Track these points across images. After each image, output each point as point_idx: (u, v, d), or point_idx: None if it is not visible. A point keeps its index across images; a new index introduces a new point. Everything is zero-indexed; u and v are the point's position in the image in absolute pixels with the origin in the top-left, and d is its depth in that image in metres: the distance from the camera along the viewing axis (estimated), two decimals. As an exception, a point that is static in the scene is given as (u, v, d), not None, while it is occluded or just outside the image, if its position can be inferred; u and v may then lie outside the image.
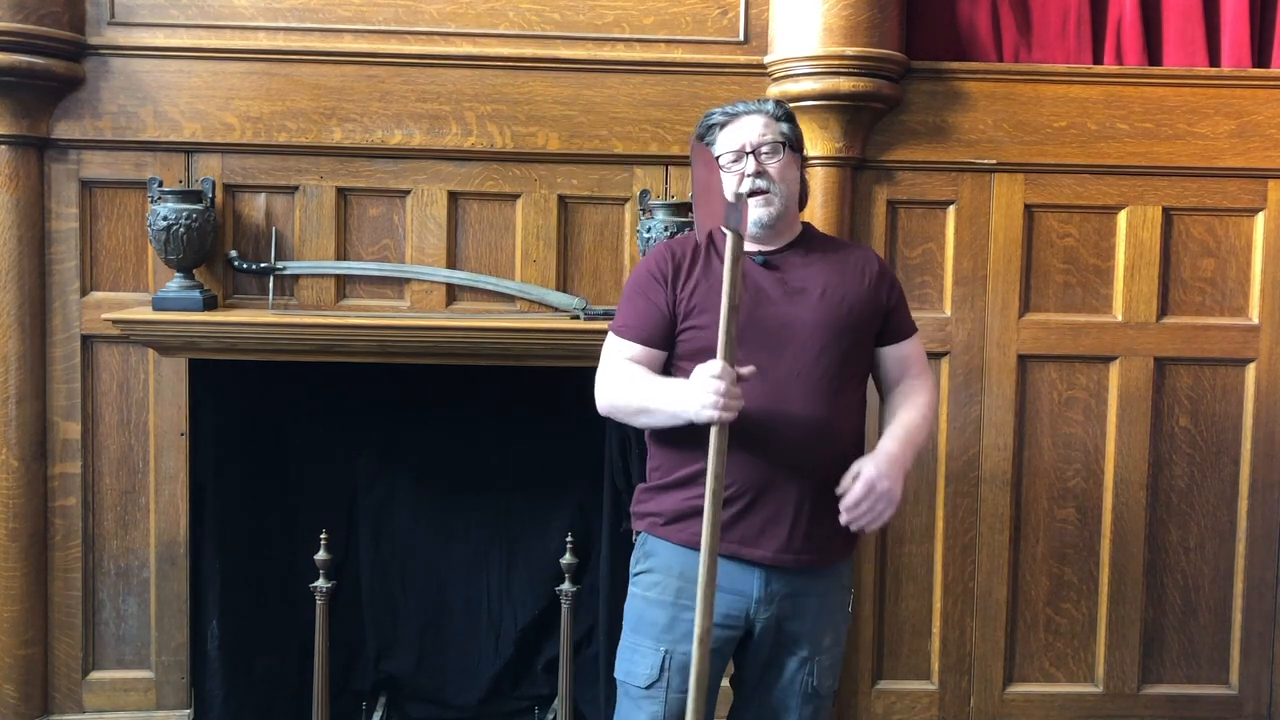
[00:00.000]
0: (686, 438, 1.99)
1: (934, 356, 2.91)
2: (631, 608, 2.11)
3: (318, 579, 2.76)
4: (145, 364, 2.82)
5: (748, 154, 2.05)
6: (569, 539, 2.80)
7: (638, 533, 2.14)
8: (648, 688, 2.04)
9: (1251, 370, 2.96)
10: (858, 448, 2.09)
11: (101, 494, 2.86)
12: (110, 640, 2.89)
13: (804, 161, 2.19)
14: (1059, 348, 2.93)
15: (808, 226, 2.18)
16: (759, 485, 1.98)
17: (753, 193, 2.03)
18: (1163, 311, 2.94)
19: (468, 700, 3.05)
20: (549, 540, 2.97)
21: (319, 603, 2.75)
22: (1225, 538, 3.00)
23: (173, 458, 2.83)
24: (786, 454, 1.96)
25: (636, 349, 2.05)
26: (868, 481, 1.93)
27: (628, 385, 2.03)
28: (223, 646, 2.87)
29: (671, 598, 2.04)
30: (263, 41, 2.76)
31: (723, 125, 2.10)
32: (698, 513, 1.96)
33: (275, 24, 2.77)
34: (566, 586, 2.79)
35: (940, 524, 2.96)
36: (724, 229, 1.89)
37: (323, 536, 2.74)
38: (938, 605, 2.97)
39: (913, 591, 2.98)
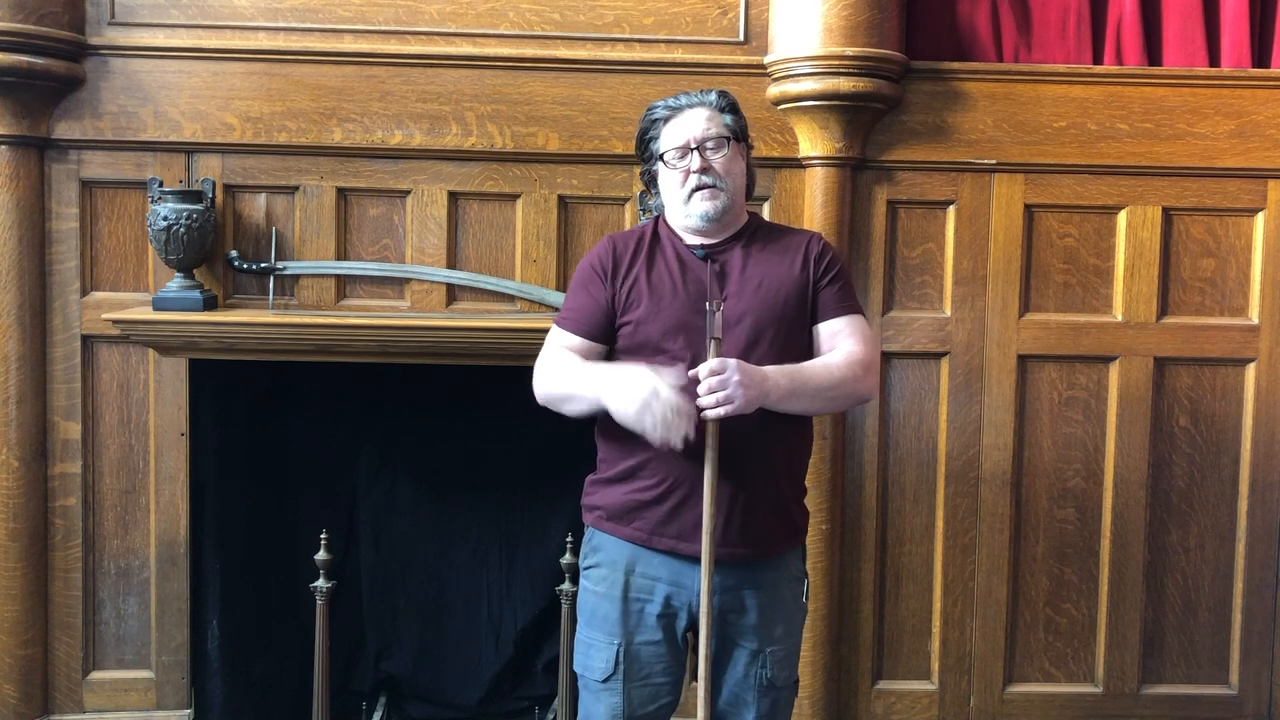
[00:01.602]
0: (629, 431, 2.00)
1: (934, 356, 2.91)
2: (584, 602, 2.13)
3: (318, 579, 2.75)
4: (145, 364, 2.82)
5: (692, 150, 2.04)
6: (569, 539, 2.80)
7: (587, 526, 2.16)
8: (605, 680, 2.06)
9: (1251, 370, 2.96)
10: (800, 437, 2.09)
11: (102, 494, 2.86)
12: (110, 640, 2.89)
13: (749, 149, 2.15)
14: (1059, 348, 2.93)
15: (754, 217, 2.17)
16: (694, 477, 1.97)
17: (699, 188, 2.03)
18: (1163, 311, 2.94)
19: (468, 700, 3.05)
20: (549, 540, 2.97)
21: (319, 603, 2.75)
22: (1225, 538, 3.00)
23: (173, 458, 2.83)
24: (719, 447, 1.94)
25: (575, 340, 2.07)
26: (724, 364, 1.88)
27: (558, 372, 2.04)
28: (223, 646, 2.87)
29: (620, 591, 2.05)
30: (263, 41, 2.76)
31: (666, 120, 2.08)
32: (640, 507, 2.02)
33: (275, 24, 2.77)
34: (566, 586, 2.78)
35: (940, 524, 2.96)
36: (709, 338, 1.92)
37: (323, 536, 2.74)
38: (938, 605, 2.97)
39: (913, 591, 2.98)
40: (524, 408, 2.11)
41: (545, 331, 2.65)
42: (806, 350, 2.07)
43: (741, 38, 2.83)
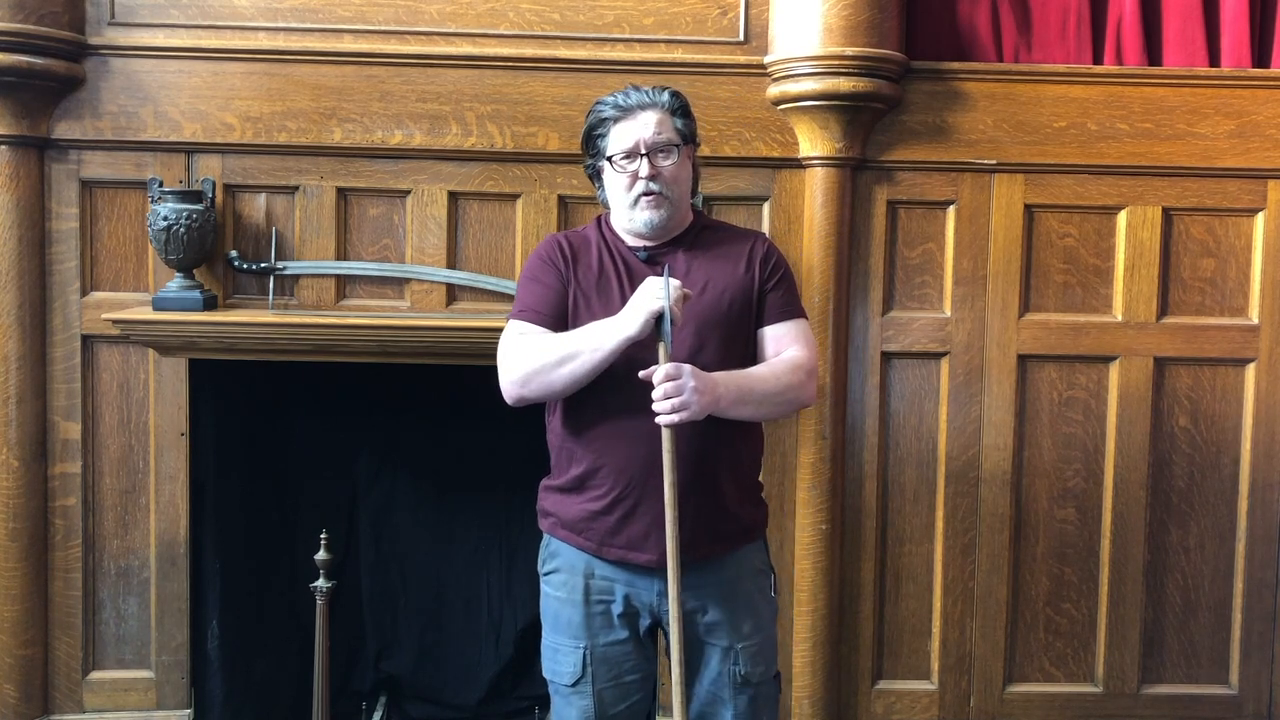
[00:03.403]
0: (580, 433, 2.01)
1: (934, 356, 2.91)
2: (547, 608, 2.12)
3: (318, 579, 2.75)
4: (145, 364, 2.82)
5: (642, 156, 2.00)
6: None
7: (544, 532, 2.14)
8: (574, 685, 2.06)
9: (1251, 370, 2.96)
10: (744, 438, 2.08)
11: (101, 494, 2.86)
12: (110, 640, 2.89)
13: (696, 148, 2.11)
14: (1059, 348, 2.93)
15: (699, 217, 2.15)
16: (641, 487, 1.97)
17: (645, 193, 2.00)
18: (1163, 311, 2.94)
19: (468, 700, 3.05)
20: (549, 540, 2.97)
21: (319, 603, 2.75)
22: (1225, 538, 3.00)
23: (173, 458, 2.83)
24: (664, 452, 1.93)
25: (539, 330, 2.01)
26: (679, 369, 1.87)
27: (540, 347, 1.97)
28: (223, 646, 2.88)
29: (581, 595, 2.05)
30: (263, 41, 2.76)
31: (616, 120, 2.03)
32: (590, 517, 2.01)
33: (275, 24, 2.77)
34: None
35: (940, 524, 2.96)
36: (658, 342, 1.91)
37: (323, 536, 2.74)
38: (938, 605, 2.97)
39: (913, 591, 2.98)
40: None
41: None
42: (749, 353, 2.06)
43: (741, 38, 2.82)
